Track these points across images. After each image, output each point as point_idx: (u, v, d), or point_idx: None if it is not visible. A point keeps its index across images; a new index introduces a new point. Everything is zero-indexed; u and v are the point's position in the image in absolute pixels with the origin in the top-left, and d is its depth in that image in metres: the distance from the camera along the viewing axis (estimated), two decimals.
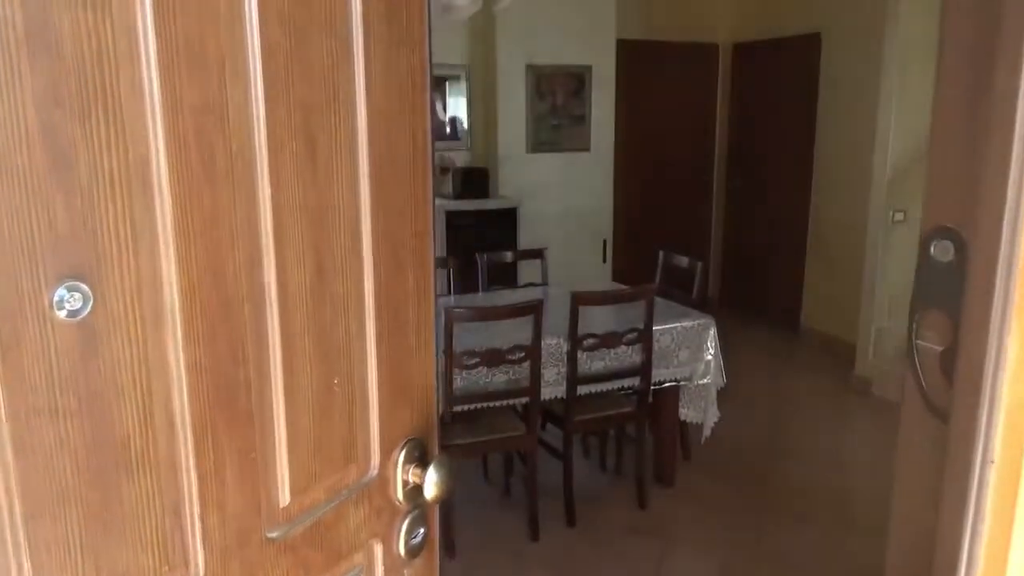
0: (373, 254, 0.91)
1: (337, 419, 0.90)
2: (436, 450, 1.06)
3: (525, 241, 5.47)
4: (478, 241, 5.28)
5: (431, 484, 0.98)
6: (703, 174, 6.83)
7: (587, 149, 5.94)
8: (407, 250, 0.98)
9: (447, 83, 5.62)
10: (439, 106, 5.61)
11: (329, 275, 0.86)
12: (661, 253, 4.12)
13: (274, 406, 0.82)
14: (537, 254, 4.20)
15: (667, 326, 3.38)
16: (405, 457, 0.99)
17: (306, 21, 0.80)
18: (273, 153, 0.78)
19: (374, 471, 0.96)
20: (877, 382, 4.79)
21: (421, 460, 1.01)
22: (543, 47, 5.61)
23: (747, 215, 6.58)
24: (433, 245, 1.03)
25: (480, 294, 3.95)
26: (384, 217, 0.92)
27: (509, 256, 4.29)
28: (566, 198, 5.91)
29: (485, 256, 4.05)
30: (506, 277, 5.12)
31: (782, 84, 6.10)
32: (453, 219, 5.18)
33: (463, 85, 5.66)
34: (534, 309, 2.97)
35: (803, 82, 5.81)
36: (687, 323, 3.45)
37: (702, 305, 3.85)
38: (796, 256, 5.99)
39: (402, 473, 0.99)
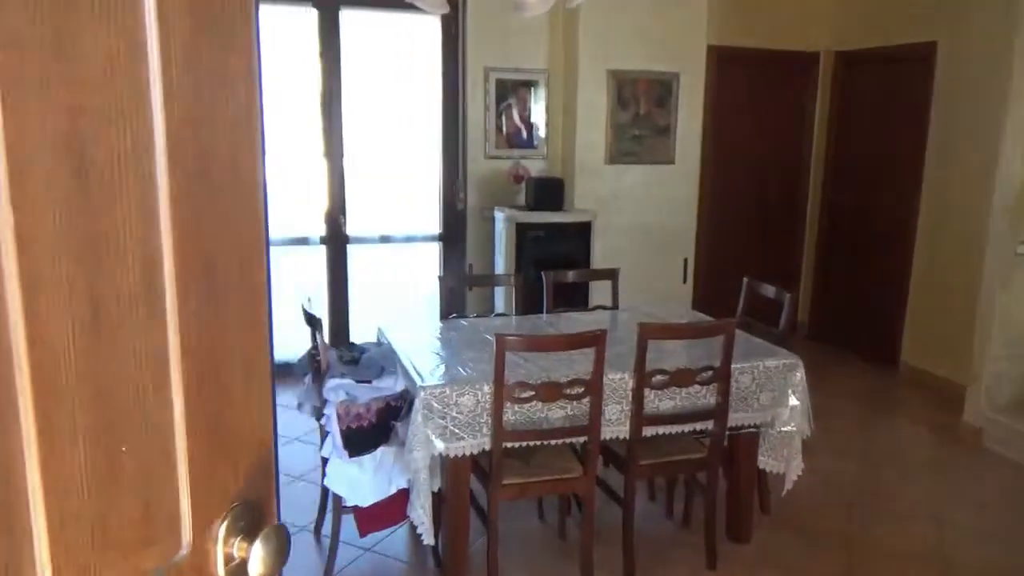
0: (178, 291, 0.77)
1: (128, 493, 0.74)
2: (275, 515, 0.93)
3: (599, 257, 5.16)
4: (549, 255, 5.01)
5: (256, 561, 0.82)
6: (796, 192, 6.34)
7: (671, 162, 5.57)
8: (229, 281, 0.84)
9: (522, 88, 5.37)
10: (515, 112, 5.37)
11: (111, 321, 0.70)
12: (745, 281, 3.73)
13: (28, 491, 0.64)
14: (608, 274, 3.88)
15: (748, 364, 3.01)
16: (228, 528, 0.84)
17: (69, 6, 0.64)
18: (17, 170, 0.60)
19: (185, 550, 0.80)
20: (990, 433, 4.25)
21: (249, 531, 0.85)
22: (627, 52, 5.29)
23: (844, 238, 6.06)
24: (268, 270, 0.90)
25: (544, 316, 3.67)
26: (194, 244, 0.78)
27: (577, 276, 3.98)
28: (646, 213, 5.56)
29: (552, 275, 3.76)
30: (576, 296, 4.84)
31: (890, 96, 5.57)
32: (524, 231, 4.92)
33: (541, 91, 5.40)
34: (595, 341, 2.66)
35: (914, 95, 5.28)
36: (771, 363, 3.07)
37: (789, 338, 3.45)
38: (898, 286, 5.45)
39: (224, 547, 0.83)
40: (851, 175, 5.97)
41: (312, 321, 2.92)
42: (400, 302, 5.46)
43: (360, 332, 5.26)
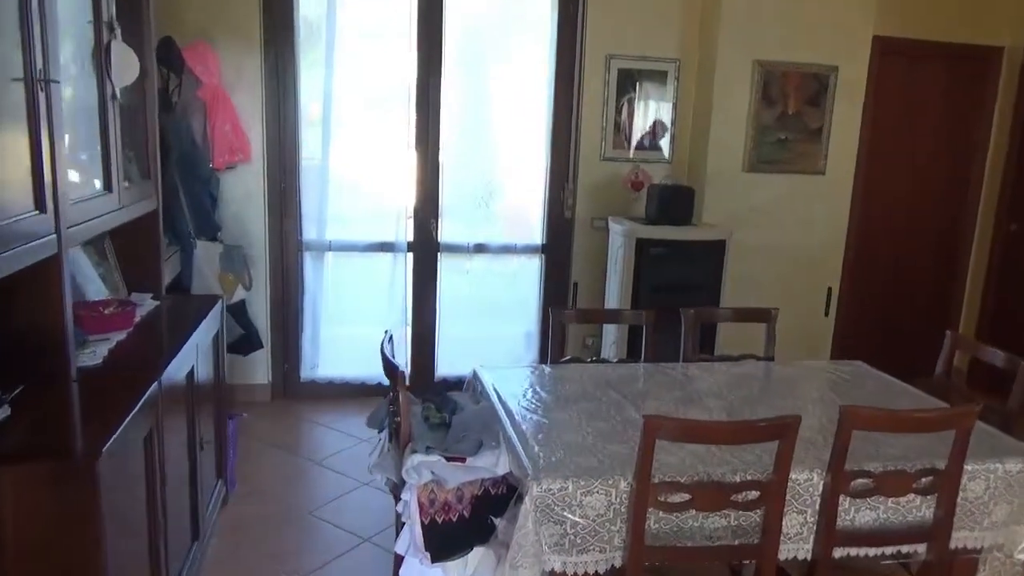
0: None
1: None
2: None
3: (729, 281, 4.34)
4: (672, 279, 4.23)
5: None
6: (962, 217, 5.32)
7: (820, 172, 4.68)
8: None
9: (648, 80, 4.58)
10: (637, 108, 4.59)
11: None
12: (950, 336, 2.86)
13: None
14: (762, 316, 3.07)
15: (981, 466, 2.16)
16: None
17: None
18: None
19: None
20: None
21: None
22: (777, 40, 4.44)
23: (1022, 276, 5.02)
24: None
25: (679, 366, 2.89)
26: None
27: (725, 316, 3.18)
28: (786, 231, 4.69)
29: (693, 315, 2.98)
30: (707, 336, 4.05)
31: None
32: (645, 248, 4.14)
33: (670, 83, 4.61)
34: (784, 431, 1.88)
35: None
36: (1013, 465, 2.21)
37: (1019, 421, 2.57)
38: None
39: None
40: None
41: (392, 372, 2.24)
42: (495, 323, 4.77)
43: (448, 358, 4.62)
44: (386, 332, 2.45)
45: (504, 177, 4.58)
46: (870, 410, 2.00)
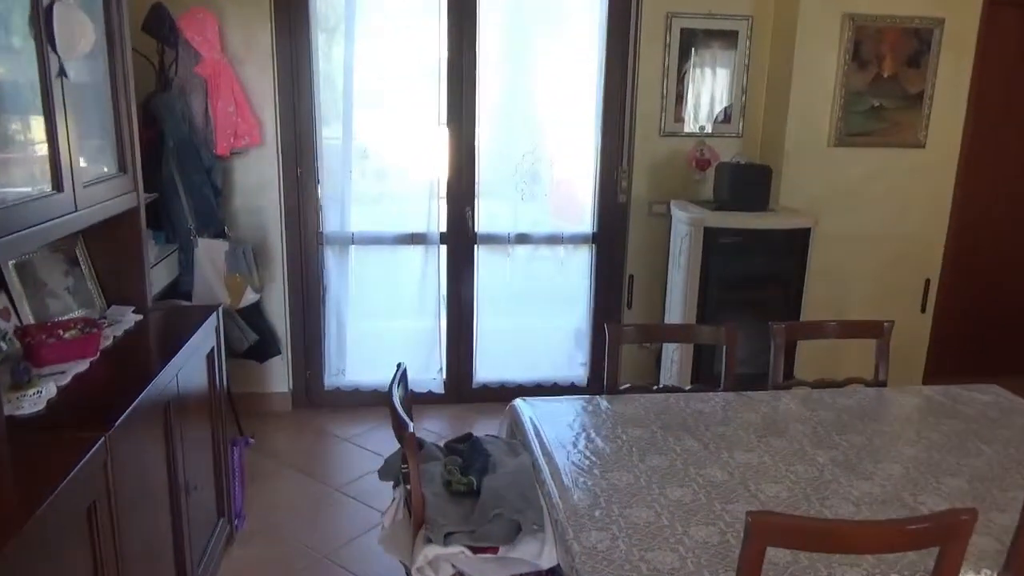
0: None
1: None
2: None
3: (811, 274, 3.71)
4: (747, 273, 3.63)
5: None
6: None
7: (920, 145, 4.00)
8: None
9: (716, 41, 3.94)
10: (703, 74, 3.97)
11: None
12: None
13: None
14: (873, 330, 2.46)
15: None
16: None
17: None
18: None
19: None
20: None
21: None
22: None
23: None
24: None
25: (768, 396, 2.31)
26: None
27: (828, 332, 2.57)
28: (879, 216, 4.03)
29: (784, 330, 2.39)
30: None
31: None
32: (714, 238, 3.54)
33: (742, 45, 3.96)
34: (957, 532, 1.31)
35: None
36: None
37: None
38: None
39: None
40: None
41: (400, 432, 1.72)
42: (540, 320, 4.24)
43: (488, 360, 4.12)
44: (398, 367, 1.93)
45: (550, 158, 4.01)
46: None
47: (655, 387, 2.34)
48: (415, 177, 3.90)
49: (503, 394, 4.11)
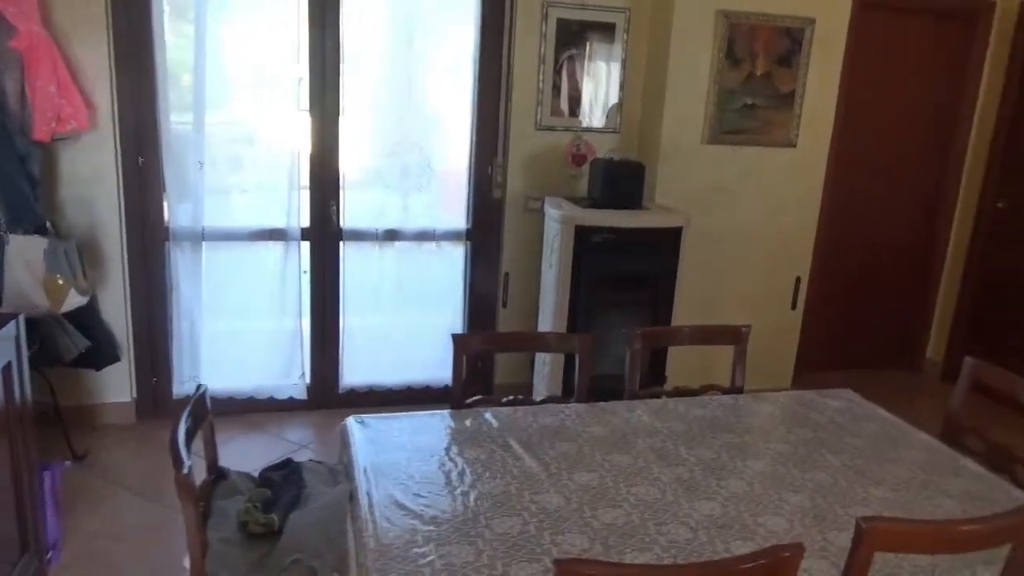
0: None
1: None
2: None
3: (685, 272, 3.67)
4: (621, 271, 3.56)
5: None
6: (943, 194, 4.73)
7: (791, 144, 4.03)
8: None
9: (593, 34, 3.84)
10: (580, 67, 3.85)
11: None
12: (969, 364, 2.23)
13: None
14: (732, 337, 2.39)
15: None
16: None
17: None
18: None
19: None
20: None
21: None
22: None
23: (1013, 254, 4.47)
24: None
25: (623, 408, 2.21)
26: None
27: (681, 338, 2.48)
28: (750, 213, 4.04)
29: (640, 336, 2.28)
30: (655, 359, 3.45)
31: None
32: (586, 236, 3.44)
33: (619, 38, 3.87)
34: (780, 569, 1.21)
35: None
36: None
37: None
38: None
39: None
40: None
41: (174, 461, 1.49)
42: (413, 317, 4.03)
43: (356, 361, 3.90)
44: (198, 389, 1.70)
45: (424, 150, 3.80)
46: (900, 525, 1.34)
47: (504, 399, 2.19)
48: (274, 168, 3.62)
49: (372, 398, 3.91)
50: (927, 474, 1.92)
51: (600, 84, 3.92)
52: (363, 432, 1.93)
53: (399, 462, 1.79)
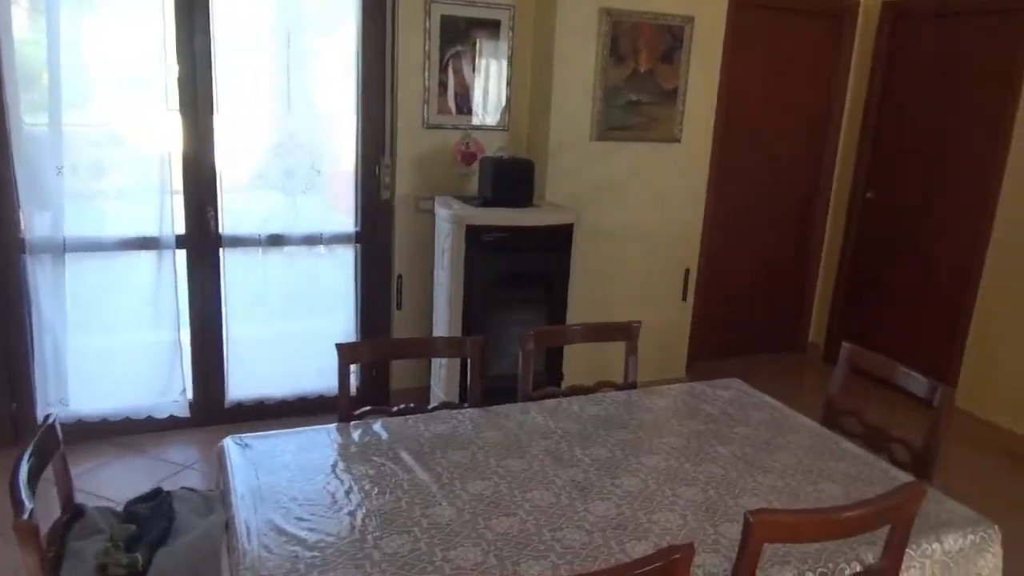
0: None
1: None
2: None
3: (578, 269, 3.69)
4: (513, 270, 3.53)
5: None
6: (818, 186, 4.97)
7: (676, 139, 4.11)
8: None
9: (479, 31, 3.79)
10: (467, 65, 3.80)
11: None
12: (847, 350, 2.31)
13: None
14: (624, 333, 2.40)
15: (914, 550, 1.59)
16: None
17: None
18: None
19: None
20: None
21: None
22: None
23: (881, 241, 4.74)
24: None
25: (516, 411, 2.17)
26: None
27: (573, 336, 2.47)
28: (639, 209, 4.11)
29: (533, 339, 2.25)
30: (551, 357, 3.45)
31: (960, 62, 4.21)
32: (477, 235, 3.39)
33: (504, 36, 3.84)
34: (673, 571, 1.19)
35: (997, 60, 3.94)
36: (951, 541, 1.66)
37: (932, 464, 2.06)
38: (953, 310, 4.17)
39: None
40: (894, 166, 4.63)
41: (14, 504, 1.34)
42: (303, 323, 3.87)
43: (243, 373, 3.71)
44: (45, 420, 1.53)
45: (307, 151, 3.64)
46: (786, 517, 1.35)
47: (395, 408, 2.10)
48: (143, 172, 3.38)
49: (262, 411, 3.73)
50: (811, 459, 1.97)
51: (488, 82, 3.88)
52: (242, 454, 1.81)
53: (281, 484, 1.68)
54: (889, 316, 4.67)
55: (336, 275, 3.86)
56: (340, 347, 2.05)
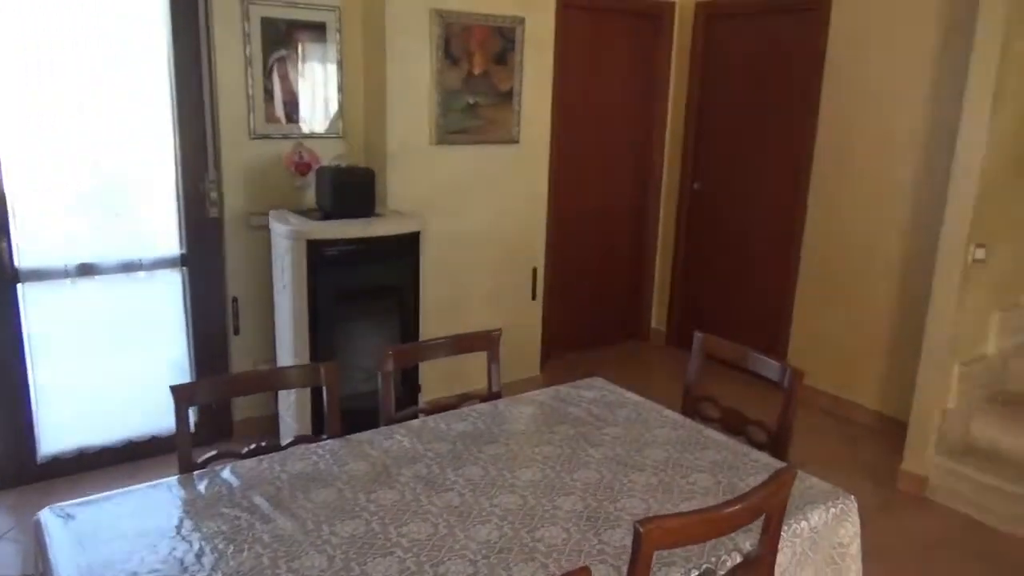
0: None
1: None
2: None
3: (428, 277, 3.59)
4: (359, 283, 3.36)
5: None
6: (649, 177, 5.18)
7: (514, 140, 4.11)
8: None
9: (303, 33, 3.59)
10: (293, 69, 3.58)
11: None
12: (699, 339, 2.37)
13: None
14: (484, 343, 2.32)
15: (784, 531, 1.64)
16: None
17: None
18: None
19: None
20: (940, 487, 3.34)
21: None
22: None
23: (709, 230, 5.01)
24: None
25: (379, 437, 2.04)
26: None
27: (435, 351, 2.37)
28: (484, 211, 4.07)
29: (392, 356, 2.12)
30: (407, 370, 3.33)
31: (770, 56, 4.52)
32: (319, 250, 3.19)
33: (331, 39, 3.66)
34: None
35: (802, 53, 4.27)
36: (817, 517, 1.73)
37: (787, 446, 2.16)
38: (779, 291, 4.49)
39: None
40: (716, 157, 4.90)
41: None
42: (126, 358, 3.48)
43: (58, 423, 3.28)
44: None
45: (117, 169, 3.28)
46: (673, 522, 1.32)
47: (245, 450, 1.90)
48: None
49: (84, 463, 3.33)
50: (679, 452, 1.99)
51: (317, 87, 3.68)
52: (64, 527, 1.55)
53: (117, 558, 1.46)
54: (723, 299, 4.94)
55: (161, 303, 3.51)
56: (175, 389, 1.82)
